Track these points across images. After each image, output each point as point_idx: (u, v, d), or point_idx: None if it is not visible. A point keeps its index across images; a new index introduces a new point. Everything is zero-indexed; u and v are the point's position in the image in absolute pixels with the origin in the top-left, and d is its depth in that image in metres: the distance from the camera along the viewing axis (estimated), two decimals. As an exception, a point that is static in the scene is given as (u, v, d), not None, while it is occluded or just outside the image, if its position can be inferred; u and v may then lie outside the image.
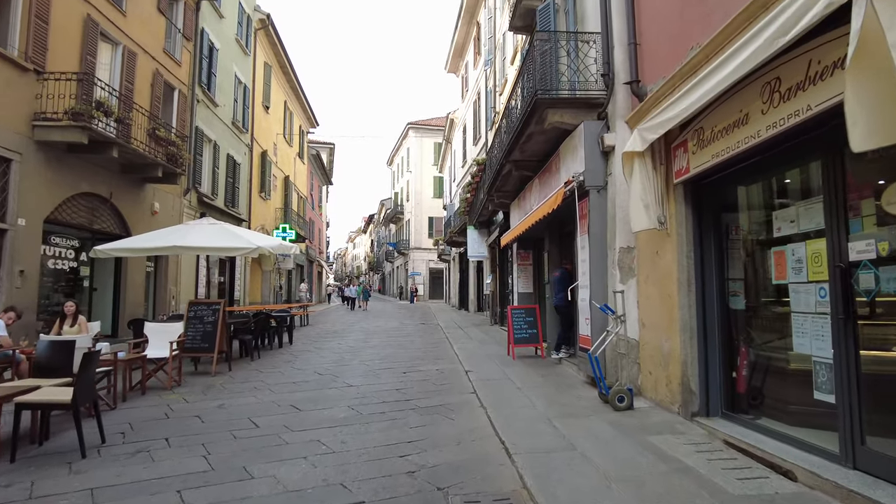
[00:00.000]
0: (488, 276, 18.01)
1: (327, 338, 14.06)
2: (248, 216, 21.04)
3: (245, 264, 20.69)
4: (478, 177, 15.75)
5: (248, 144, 21.14)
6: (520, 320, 9.73)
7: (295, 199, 30.30)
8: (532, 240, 12.22)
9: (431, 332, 15.89)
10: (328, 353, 10.78)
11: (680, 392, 5.36)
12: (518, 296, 12.30)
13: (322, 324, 19.23)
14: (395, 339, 13.57)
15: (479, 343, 12.27)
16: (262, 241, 10.01)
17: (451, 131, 33.25)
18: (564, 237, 9.78)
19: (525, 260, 12.32)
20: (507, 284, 15.97)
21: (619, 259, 6.59)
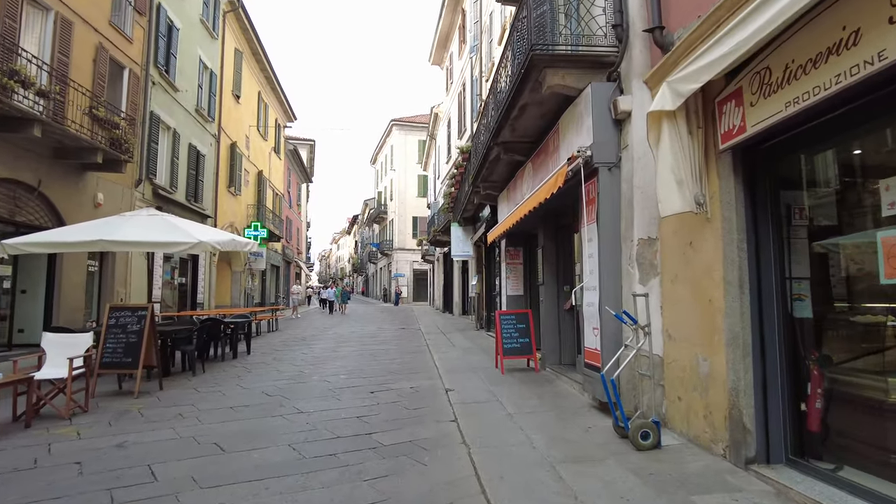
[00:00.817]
0: (474, 277, 16.64)
1: (292, 346, 12.56)
2: (215, 212, 19.44)
3: (210, 264, 19.10)
4: (462, 167, 14.37)
5: (215, 135, 19.55)
6: (510, 327, 8.36)
7: (270, 196, 28.68)
8: (523, 235, 10.87)
9: (411, 338, 14.46)
10: (286, 367, 9.30)
11: (727, 428, 4.01)
12: (507, 299, 10.93)
13: (293, 329, 17.70)
14: (369, 348, 12.12)
15: (463, 352, 10.87)
16: (206, 235, 8.52)
17: (435, 126, 31.89)
18: (562, 231, 8.43)
19: (515, 258, 10.97)
20: (494, 286, 14.60)
21: (639, 254, 5.24)
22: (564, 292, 8.33)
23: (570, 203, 7.43)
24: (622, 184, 5.53)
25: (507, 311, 9.02)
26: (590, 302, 5.80)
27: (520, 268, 10.94)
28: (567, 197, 6.81)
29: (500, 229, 9.85)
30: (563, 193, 6.23)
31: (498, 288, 13.01)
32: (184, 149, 16.63)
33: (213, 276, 19.65)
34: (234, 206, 22.45)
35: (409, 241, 43.89)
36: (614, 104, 5.53)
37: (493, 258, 14.89)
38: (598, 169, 5.61)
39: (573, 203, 7.33)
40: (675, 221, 4.75)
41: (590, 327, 5.82)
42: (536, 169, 8.08)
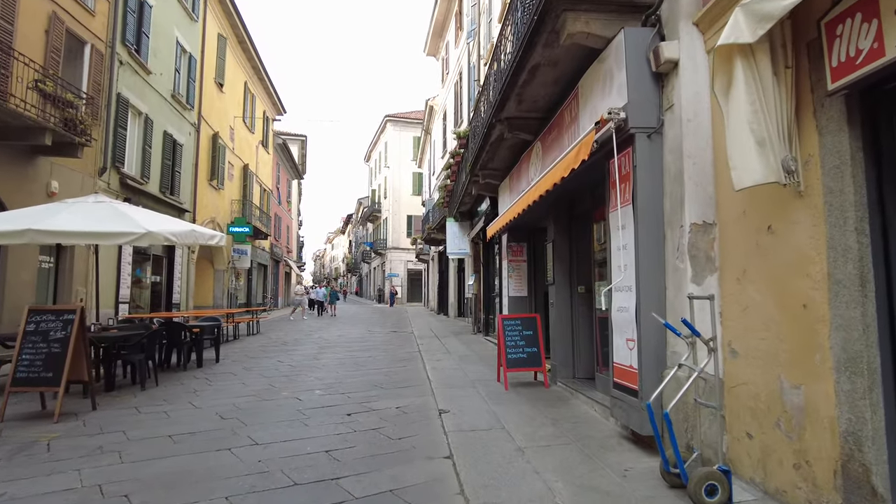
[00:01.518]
0: (471, 276, 15.42)
1: (270, 352, 11.31)
2: (193, 206, 18.16)
3: (188, 261, 17.81)
4: (459, 156, 13.16)
5: (195, 123, 18.26)
6: (514, 335, 7.14)
7: (256, 192, 27.38)
8: (527, 229, 9.66)
9: (402, 343, 13.22)
10: (255, 379, 8.05)
11: (838, 488, 2.82)
12: (509, 301, 9.72)
13: (275, 332, 16.42)
14: (355, 355, 10.88)
15: (460, 360, 9.65)
16: (157, 225, 7.27)
17: (430, 121, 30.68)
18: (577, 221, 7.22)
19: (518, 255, 9.75)
20: (493, 287, 13.39)
21: (691, 243, 4.03)
22: (578, 293, 7.11)
23: (589, 186, 6.24)
24: (665, 154, 4.33)
25: (512, 316, 7.80)
26: (622, 306, 4.59)
27: (523, 266, 9.73)
28: (586, 178, 5.62)
29: (502, 222, 8.64)
30: (583, 173, 5.04)
31: (498, 288, 11.81)
32: (158, 136, 15.35)
33: (192, 274, 18.36)
34: (217, 201, 21.16)
35: (404, 240, 42.68)
36: (655, 53, 4.32)
37: (491, 256, 13.68)
38: (633, 136, 4.40)
39: (592, 185, 6.13)
40: (744, 199, 3.55)
41: (621, 338, 4.61)
42: (547, 148, 6.87)
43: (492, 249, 13.53)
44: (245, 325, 15.70)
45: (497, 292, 12.17)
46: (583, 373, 6.99)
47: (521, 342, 7.10)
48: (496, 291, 12.56)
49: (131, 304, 14.21)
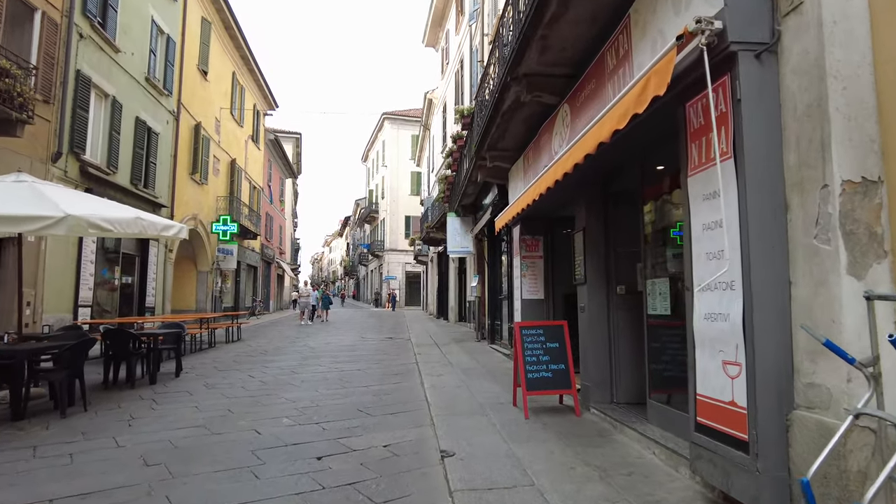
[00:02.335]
0: (474, 277, 13.94)
1: (243, 364, 9.82)
2: (171, 201, 16.67)
3: (164, 261, 16.30)
4: (461, 140, 11.69)
5: (173, 112, 16.79)
6: (535, 348, 5.66)
7: (246, 189, 25.91)
8: (544, 218, 8.21)
9: (398, 352, 11.73)
10: (212, 401, 6.56)
11: None
12: (522, 304, 8.24)
13: (258, 339, 14.91)
14: (341, 368, 9.39)
15: (464, 374, 8.17)
16: (87, 209, 5.79)
17: (429, 115, 29.26)
18: (617, 204, 5.75)
19: (532, 250, 8.28)
20: (499, 288, 11.91)
21: (845, 211, 2.55)
22: (617, 294, 5.64)
23: (639, 152, 4.77)
24: (786, 79, 2.85)
25: (532, 323, 6.29)
26: (715, 312, 3.10)
27: (539, 263, 8.25)
28: (634, 141, 4.18)
29: (513, 211, 7.17)
30: (631, 134, 3.62)
31: (507, 290, 10.36)
32: (128, 122, 13.88)
33: (169, 275, 16.85)
34: (200, 197, 19.68)
35: (402, 242, 41.25)
36: (771, -72, 2.85)
37: (498, 253, 12.21)
38: (734, 56, 2.93)
39: (645, 150, 4.67)
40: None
41: (713, 360, 3.11)
42: (579, 110, 5.41)
43: (498, 246, 12.06)
44: (224, 331, 14.19)
45: (505, 294, 10.70)
46: (625, 396, 5.50)
47: (545, 357, 5.61)
48: (504, 293, 11.08)
49: (95, 309, 12.72)
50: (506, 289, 10.91)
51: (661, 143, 4.21)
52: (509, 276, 9.60)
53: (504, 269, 11.38)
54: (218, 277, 21.82)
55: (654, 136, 4.17)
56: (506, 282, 10.90)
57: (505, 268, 10.92)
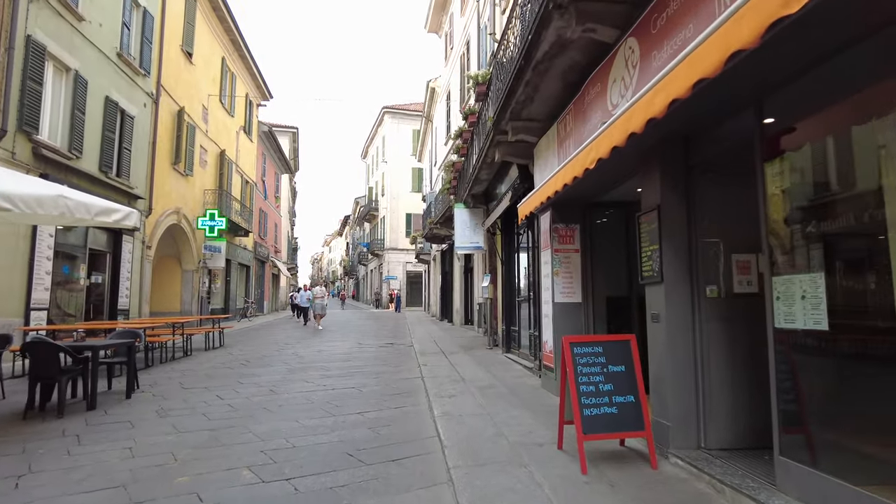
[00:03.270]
0: (485, 277, 12.36)
1: (215, 380, 8.24)
2: (149, 193, 15.08)
3: (141, 258, 14.71)
4: (473, 115, 10.10)
5: (151, 94, 15.21)
6: (594, 373, 4.07)
7: (237, 183, 24.34)
8: (582, 203, 6.64)
9: (399, 362, 10.16)
10: (156, 438, 4.99)
11: None
12: (554, 309, 6.64)
13: (242, 345, 13.34)
14: (332, 385, 7.82)
15: (482, 396, 6.59)
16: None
17: (431, 106, 27.71)
18: (708, 174, 4.17)
19: (567, 242, 6.69)
20: (516, 289, 10.34)
21: None
22: (707, 298, 4.07)
23: (758, 81, 3.19)
24: None
25: (588, 339, 4.64)
26: None
27: (575, 258, 6.67)
28: (757, 65, 2.60)
29: (545, 193, 5.61)
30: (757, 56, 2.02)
31: (529, 291, 8.81)
32: (96, 102, 12.30)
33: (147, 274, 15.27)
34: (184, 189, 18.09)
35: (402, 241, 39.72)
36: None
37: (513, 248, 10.64)
38: None
39: (762, 83, 3.09)
40: None
41: None
42: (654, 42, 3.84)
43: (514, 240, 10.49)
44: (204, 337, 12.60)
45: (526, 296, 9.13)
46: (719, 440, 3.93)
47: (607, 386, 4.04)
48: (524, 295, 9.51)
49: (55, 312, 11.15)
50: (526, 289, 9.34)
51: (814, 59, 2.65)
52: (534, 274, 8.02)
53: (524, 266, 9.81)
54: (205, 277, 20.24)
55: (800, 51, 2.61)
56: (526, 281, 9.33)
57: (525, 265, 9.35)
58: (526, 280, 9.32)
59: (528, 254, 9.13)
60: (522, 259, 10.17)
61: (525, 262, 9.49)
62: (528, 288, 9.20)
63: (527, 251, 9.38)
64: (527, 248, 9.35)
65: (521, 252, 10.12)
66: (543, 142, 6.95)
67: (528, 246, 9.05)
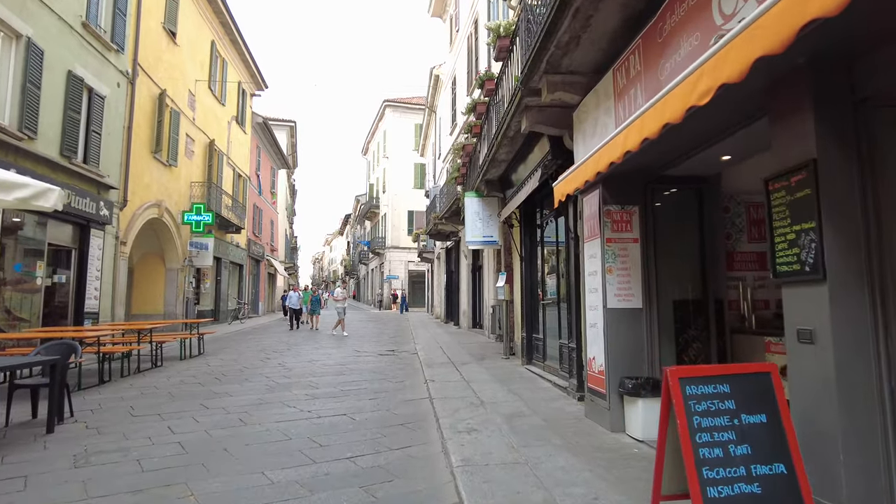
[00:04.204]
0: (500, 275, 10.80)
1: (177, 401, 6.72)
2: (124, 183, 13.56)
3: (114, 255, 13.17)
4: (491, 81, 8.53)
5: (126, 73, 13.67)
6: (718, 426, 2.52)
7: (229, 177, 22.82)
8: (642, 177, 5.09)
9: (402, 377, 8.62)
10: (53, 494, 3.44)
11: None
12: (605, 317, 5.07)
13: (224, 353, 11.80)
14: (317, 411, 6.28)
15: (512, 431, 5.05)
16: None
17: (435, 95, 26.18)
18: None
19: (622, 228, 5.13)
20: (541, 290, 8.79)
21: None
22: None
23: None
24: None
25: (706, 371, 3.00)
26: None
27: (634, 249, 5.11)
28: None
29: (597, 163, 4.12)
30: None
31: (566, 293, 7.29)
32: (55, 76, 10.77)
33: (122, 273, 13.74)
34: (167, 181, 16.57)
35: (404, 239, 38.22)
36: None
37: (535, 242, 9.09)
38: None
39: None
40: None
41: None
42: None
43: (538, 232, 8.94)
44: (179, 344, 11.04)
45: (558, 299, 7.60)
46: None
47: (741, 448, 2.49)
48: (552, 298, 7.97)
49: (1, 317, 9.64)
50: (554, 291, 7.78)
51: None
52: (571, 272, 6.46)
53: (565, 260, 8.27)
54: (191, 276, 18.70)
55: None
56: (556, 281, 7.78)
57: (554, 261, 7.80)
58: (556, 279, 7.77)
59: (557, 247, 7.58)
60: (537, 254, 8.63)
61: (556, 257, 7.94)
62: (557, 289, 7.65)
63: (554, 245, 7.83)
64: (554, 242, 7.80)
65: (546, 246, 8.57)
66: (590, 101, 5.40)
67: (556, 240, 7.50)
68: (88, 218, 11.74)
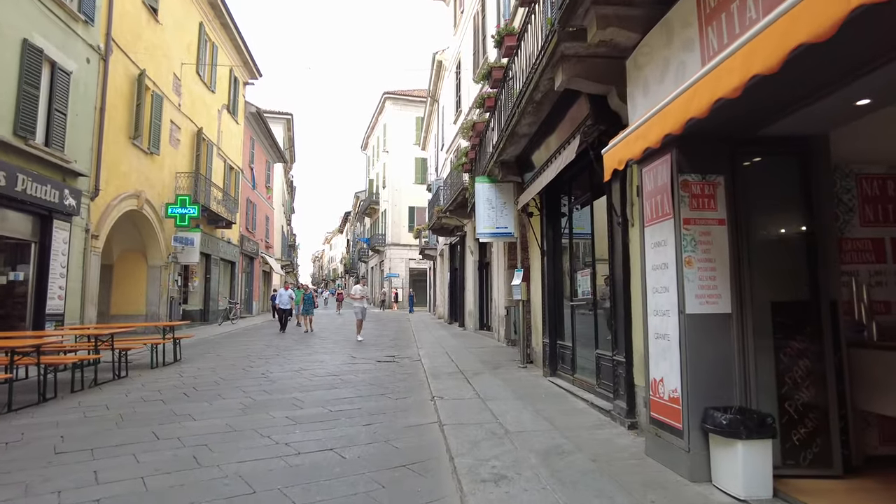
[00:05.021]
0: (516, 273, 9.45)
1: (121, 430, 5.40)
2: (95, 169, 12.22)
3: (82, 249, 11.82)
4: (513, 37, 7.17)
5: (98, 48, 12.32)
6: None
7: (219, 169, 21.49)
8: (731, 141, 3.75)
9: (404, 393, 7.29)
10: None
11: None
12: (686, 325, 3.73)
13: (202, 361, 10.47)
14: (298, 444, 4.98)
15: (552, 474, 3.71)
16: None
17: (438, 82, 24.85)
18: None
19: (704, 205, 3.80)
20: (569, 290, 7.46)
21: None
22: None
23: None
24: None
25: None
26: None
27: (720, 233, 3.78)
28: None
29: (671, 119, 2.92)
30: None
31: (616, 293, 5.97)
32: (6, 44, 9.44)
33: (94, 270, 12.41)
34: (148, 170, 15.24)
35: (405, 236, 36.90)
36: None
37: (559, 232, 7.76)
38: None
39: None
40: None
41: None
42: None
43: (559, 222, 7.61)
44: (151, 350, 9.68)
45: (612, 299, 6.28)
46: None
47: None
48: (585, 298, 6.64)
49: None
50: (589, 289, 6.45)
51: None
52: (622, 264, 5.12)
53: (581, 254, 6.95)
54: (176, 274, 17.36)
55: None
56: (591, 277, 6.45)
57: (591, 253, 6.46)
58: (590, 276, 6.43)
59: (593, 237, 6.25)
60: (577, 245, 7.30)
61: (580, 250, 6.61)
62: (592, 288, 6.32)
63: (588, 235, 6.49)
64: (588, 233, 6.46)
65: (577, 238, 7.24)
66: (656, 37, 4.05)
67: (590, 230, 6.17)
68: (50, 208, 10.40)
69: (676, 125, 2.99)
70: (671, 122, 3.05)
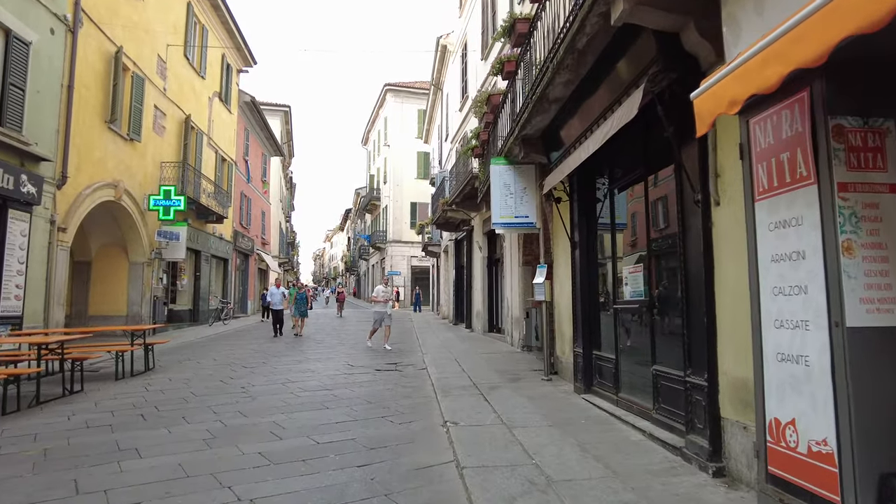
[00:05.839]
0: (539, 269, 8.14)
1: (41, 474, 4.17)
2: (62, 154, 10.94)
3: (46, 244, 10.52)
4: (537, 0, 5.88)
5: (64, 17, 11.01)
6: None
7: (209, 159, 20.20)
8: None
9: (409, 416, 6.01)
10: None
11: None
12: (850, 342, 2.44)
13: (178, 370, 9.20)
14: (269, 493, 3.70)
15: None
16: None
17: (442, 69, 23.58)
18: None
19: (868, 163, 2.53)
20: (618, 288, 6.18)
21: None
22: None
23: None
24: None
25: None
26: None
27: (892, 204, 2.50)
28: None
29: (815, 36, 1.54)
30: None
31: (691, 293, 4.68)
32: (-49, 7, 8.17)
33: (61, 267, 11.12)
34: (128, 158, 13.97)
35: (407, 233, 35.64)
36: None
37: (593, 222, 6.47)
38: None
39: None
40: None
41: None
42: None
43: (594, 209, 6.32)
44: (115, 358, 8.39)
45: (685, 301, 4.98)
46: None
47: None
48: (633, 298, 5.35)
49: None
50: (641, 289, 5.16)
51: None
52: (703, 255, 3.84)
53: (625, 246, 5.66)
54: (161, 272, 16.09)
55: None
56: (641, 274, 5.16)
57: (646, 244, 5.16)
58: (643, 273, 5.14)
59: (649, 226, 4.96)
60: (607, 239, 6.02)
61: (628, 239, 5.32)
62: (646, 287, 5.03)
63: (631, 224, 5.20)
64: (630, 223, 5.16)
65: (618, 232, 5.95)
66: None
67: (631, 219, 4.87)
68: (4, 195, 9.13)
69: (823, 48, 1.72)
70: (823, 39, 1.78)
